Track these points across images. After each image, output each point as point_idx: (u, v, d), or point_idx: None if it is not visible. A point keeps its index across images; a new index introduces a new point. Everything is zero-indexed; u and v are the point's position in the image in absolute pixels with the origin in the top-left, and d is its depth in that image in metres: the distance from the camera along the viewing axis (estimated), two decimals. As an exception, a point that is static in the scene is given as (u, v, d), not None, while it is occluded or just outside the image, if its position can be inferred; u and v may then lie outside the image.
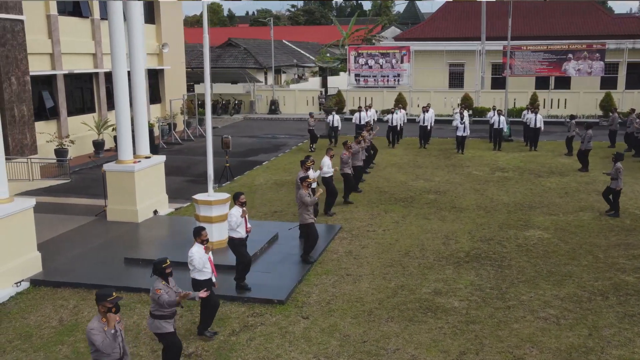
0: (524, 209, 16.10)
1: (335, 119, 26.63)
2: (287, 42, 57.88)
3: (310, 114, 26.34)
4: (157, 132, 30.06)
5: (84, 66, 25.80)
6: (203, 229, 9.00)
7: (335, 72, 51.54)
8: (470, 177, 20.08)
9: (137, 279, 11.14)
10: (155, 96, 31.94)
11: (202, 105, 39.49)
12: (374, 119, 28.35)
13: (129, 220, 14.90)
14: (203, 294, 7.99)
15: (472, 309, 10.04)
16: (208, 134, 13.03)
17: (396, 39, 46.83)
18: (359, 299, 10.47)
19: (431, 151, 25.36)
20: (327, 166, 15.60)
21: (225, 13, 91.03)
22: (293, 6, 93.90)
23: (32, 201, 11.68)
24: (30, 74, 22.20)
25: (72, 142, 23.57)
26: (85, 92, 26.46)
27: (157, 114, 31.53)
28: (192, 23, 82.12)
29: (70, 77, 24.94)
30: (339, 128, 26.96)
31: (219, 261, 10.90)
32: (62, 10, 24.59)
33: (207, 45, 12.65)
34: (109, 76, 27.31)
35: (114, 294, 6.38)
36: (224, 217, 12.52)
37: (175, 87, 32.69)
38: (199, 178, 21.09)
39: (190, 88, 43.05)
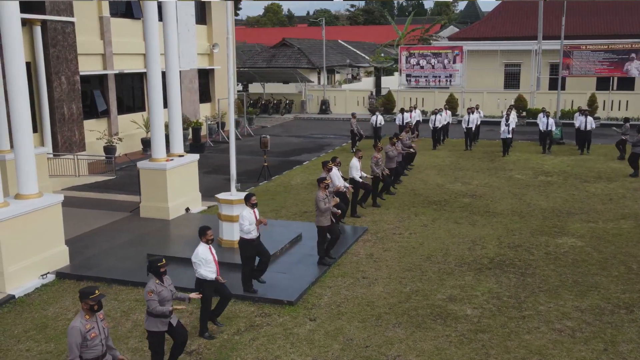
0: (561, 215, 15.52)
1: (379, 119, 26.42)
2: (342, 42, 57.85)
3: (353, 115, 26.23)
4: (205, 130, 30.69)
5: (135, 66, 26.57)
6: (208, 228, 9.11)
7: (389, 72, 51.20)
8: (511, 181, 19.52)
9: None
10: (205, 95, 32.57)
11: (253, 104, 40.15)
12: (418, 120, 27.98)
13: (160, 217, 15.24)
14: (194, 295, 8.05)
15: (484, 317, 9.76)
16: (231, 135, 13.21)
17: (450, 38, 46.06)
18: (370, 302, 10.35)
19: (476, 153, 24.80)
20: (356, 168, 15.49)
21: (285, 13, 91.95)
22: (352, 6, 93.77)
23: (60, 197, 12.12)
24: (83, 73, 23.08)
25: (120, 139, 24.35)
26: (135, 91, 27.26)
27: (206, 113, 32.13)
28: (252, 23, 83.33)
29: (120, 77, 25.75)
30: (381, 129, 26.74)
31: (237, 260, 11.09)
32: (115, 12, 25.41)
33: (231, 47, 12.81)
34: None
35: (96, 292, 6.53)
36: (231, 218, 12.64)
37: (225, 86, 33.19)
38: (239, 177, 21.05)
39: (245, 88, 43.80)
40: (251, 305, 10.27)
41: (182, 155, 16.17)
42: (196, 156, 16.75)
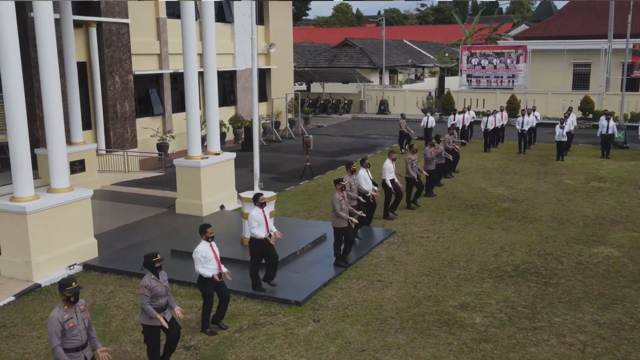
0: (604, 224, 14.78)
1: (430, 121, 25.98)
2: (407, 42, 57.26)
3: (402, 115, 25.92)
4: (260, 129, 31.12)
5: (190, 66, 27.25)
6: (208, 226, 9.26)
7: (455, 72, 50.24)
8: (559, 186, 18.74)
9: (171, 270, 11.64)
10: (261, 95, 33.01)
11: (313, 104, 40.35)
12: (471, 122, 27.34)
13: (194, 213, 15.60)
14: (179, 313, 8.11)
15: (493, 326, 9.43)
16: (255, 135, 13.34)
17: (516, 37, 44.66)
18: (379, 306, 10.21)
19: (529, 157, 23.97)
20: (389, 170, 15.30)
21: (354, 13, 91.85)
22: (423, 5, 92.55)
23: (89, 192, 12.61)
24: (139, 73, 23.96)
25: (172, 137, 25.09)
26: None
27: (262, 112, 32.55)
28: (321, 23, 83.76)
29: (175, 76, 26.51)
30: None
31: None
32: (171, 13, 26.17)
33: (255, 48, 12.95)
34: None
35: (73, 284, 6.76)
36: (267, 215, 12.77)
37: (281, 86, 33.56)
38: (284, 176, 21.57)
39: (308, 87, 44.12)
40: (259, 304, 10.36)
41: (218, 154, 16.47)
42: (232, 155, 17.02)
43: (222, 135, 27.97)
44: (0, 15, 10.81)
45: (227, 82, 30.34)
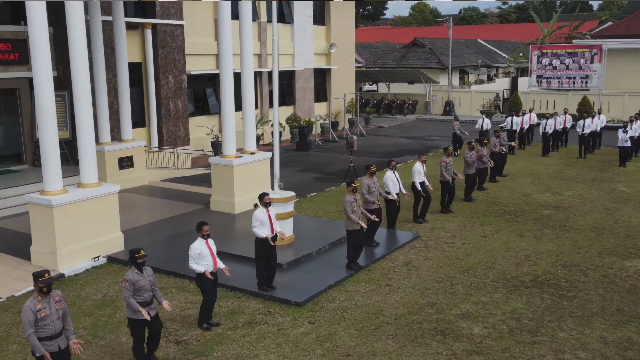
0: (648, 235, 13.90)
1: (486, 123, 25.24)
2: (482, 42, 55.83)
3: (455, 117, 25.33)
4: (318, 129, 31.32)
5: (248, 66, 27.80)
6: (205, 223, 9.46)
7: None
8: (611, 194, 17.75)
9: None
10: (321, 95, 33.21)
11: (377, 104, 40.15)
12: (532, 125, 26.34)
13: (227, 211, 15.93)
14: (166, 306, 8.35)
15: (490, 338, 9.10)
16: (275, 135, 13.44)
17: (593, 36, 42.53)
18: (379, 311, 10.08)
19: (589, 162, 22.83)
20: (419, 172, 15.03)
21: (432, 11, 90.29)
22: (504, 3, 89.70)
23: (116, 187, 13.15)
24: (197, 72, 24.71)
25: (226, 135, 25.66)
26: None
27: (322, 112, 32.73)
28: (398, 23, 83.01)
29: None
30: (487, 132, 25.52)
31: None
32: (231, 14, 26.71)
33: (276, 50, 13.07)
34: (271, 75, 29.18)
35: (46, 275, 7.08)
36: (284, 215, 12.87)
37: (342, 86, 33.57)
38: (328, 176, 21.64)
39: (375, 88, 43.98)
40: (260, 303, 10.46)
41: (253, 153, 16.73)
42: (267, 154, 17.22)
43: (279, 134, 28.41)
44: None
45: (286, 82, 30.69)
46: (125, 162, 19.02)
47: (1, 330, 9.58)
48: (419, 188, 14.97)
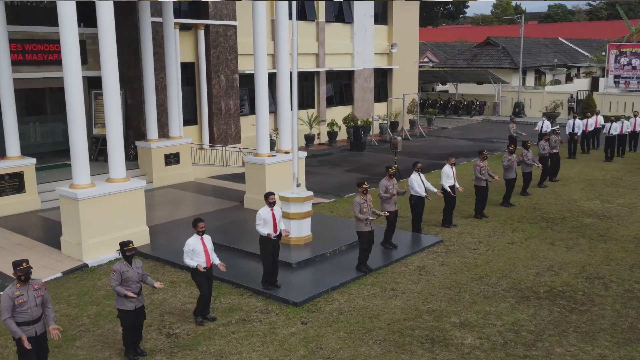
0: (694, 249, 12.90)
1: (545, 125, 24.22)
2: (563, 40, 53.49)
3: (512, 119, 24.45)
4: (376, 130, 31.13)
5: (306, 65, 28.04)
6: (200, 220, 9.65)
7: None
8: (667, 203, 16.61)
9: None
10: (382, 95, 32.95)
11: (443, 105, 39.38)
12: (597, 128, 25.00)
13: (259, 208, 16.10)
14: (158, 285, 8.62)
15: (480, 349, 8.77)
16: (294, 132, 13.49)
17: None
18: (375, 315, 9.93)
19: (656, 169, 21.43)
20: (447, 175, 14.66)
21: (515, 8, 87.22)
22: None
23: (142, 183, 13.63)
24: (249, 72, 25.11)
25: (277, 134, 25.97)
26: (306, 89, 28.72)
27: (382, 112, 32.46)
28: (478, 21, 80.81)
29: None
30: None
31: (284, 257, 11.70)
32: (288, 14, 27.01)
33: (295, 50, 13.11)
34: (329, 75, 29.31)
35: (24, 264, 7.47)
36: (301, 215, 12.92)
37: (404, 86, 33.17)
38: (374, 177, 21.41)
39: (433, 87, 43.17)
40: (261, 301, 10.56)
41: (288, 152, 16.87)
42: (302, 154, 17.32)
43: (334, 134, 28.50)
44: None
45: (345, 82, 30.68)
46: (172, 159, 19.67)
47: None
48: (448, 190, 14.59)
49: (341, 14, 29.69)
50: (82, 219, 12.46)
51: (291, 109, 13.94)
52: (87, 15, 19.80)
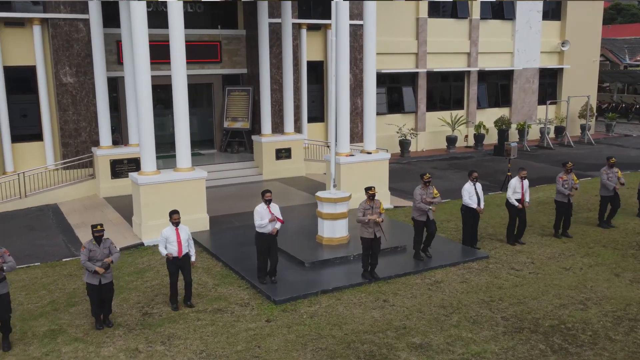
0: None
1: None
2: None
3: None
4: (536, 134, 28.83)
5: (456, 65, 27.03)
6: (175, 212, 10.25)
7: None
8: None
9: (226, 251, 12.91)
10: (551, 96, 30.30)
11: (625, 109, 34.99)
12: None
13: (335, 206, 16.26)
14: (99, 269, 9.40)
15: (412, 375, 8.08)
16: (331, 132, 13.34)
17: None
18: (341, 324, 9.62)
19: None
20: (513, 188, 13.28)
21: None
22: None
23: (204, 173, 14.59)
24: (392, 71, 25.11)
25: (415, 134, 25.52)
26: (454, 89, 27.65)
27: (550, 115, 29.82)
28: None
29: (434, 75, 26.66)
30: None
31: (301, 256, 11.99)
32: (436, 13, 26.35)
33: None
34: (482, 75, 27.86)
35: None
36: (333, 216, 12.84)
37: (578, 88, 30.08)
38: (492, 185, 20.07)
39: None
40: (250, 294, 10.84)
41: (370, 153, 16.68)
42: (386, 155, 16.98)
43: (480, 137, 27.07)
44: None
45: (502, 82, 28.85)
46: (283, 153, 20.60)
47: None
48: (515, 204, 13.23)
49: (500, 10, 27.95)
50: (142, 202, 13.87)
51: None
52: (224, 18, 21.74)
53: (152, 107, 14.05)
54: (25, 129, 18.86)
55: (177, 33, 13.79)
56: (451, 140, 26.29)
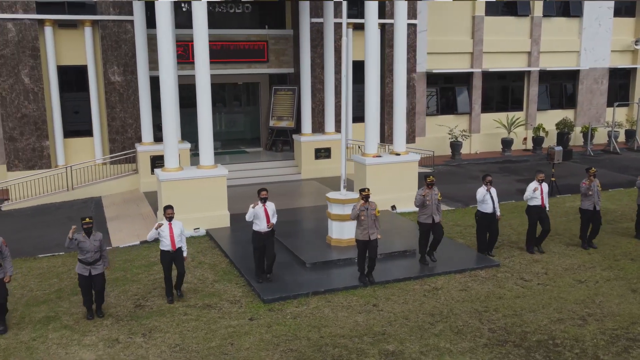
0: None
1: None
2: None
3: None
4: (603, 138, 27.30)
5: (515, 64, 26.03)
6: (169, 207, 10.48)
7: None
8: None
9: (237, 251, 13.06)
10: (623, 98, 28.55)
11: None
12: None
13: (359, 208, 16.10)
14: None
15: (371, 383, 7.89)
16: (343, 132, 13.19)
17: None
18: (320, 327, 9.51)
19: None
20: (530, 191, 12.64)
21: None
22: None
23: (225, 171, 14.82)
24: (444, 71, 24.54)
25: (466, 136, 24.77)
26: (513, 90, 26.61)
27: (620, 118, 28.12)
28: None
29: (490, 75, 25.76)
30: None
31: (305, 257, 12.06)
32: (494, 10, 25.45)
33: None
34: (543, 75, 26.68)
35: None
36: (342, 217, 12.72)
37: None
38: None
39: None
40: (244, 292, 10.94)
41: (398, 154, 16.39)
42: (415, 157, 16.61)
43: (539, 140, 25.92)
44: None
45: (566, 83, 27.46)
46: (322, 153, 20.61)
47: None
48: (538, 204, 12.59)
49: (566, 7, 26.61)
50: (163, 197, 14.30)
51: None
52: (273, 18, 22.01)
53: (179, 104, 14.46)
54: (77, 124, 19.89)
55: (201, 33, 14.10)
56: (507, 143, 25.32)
